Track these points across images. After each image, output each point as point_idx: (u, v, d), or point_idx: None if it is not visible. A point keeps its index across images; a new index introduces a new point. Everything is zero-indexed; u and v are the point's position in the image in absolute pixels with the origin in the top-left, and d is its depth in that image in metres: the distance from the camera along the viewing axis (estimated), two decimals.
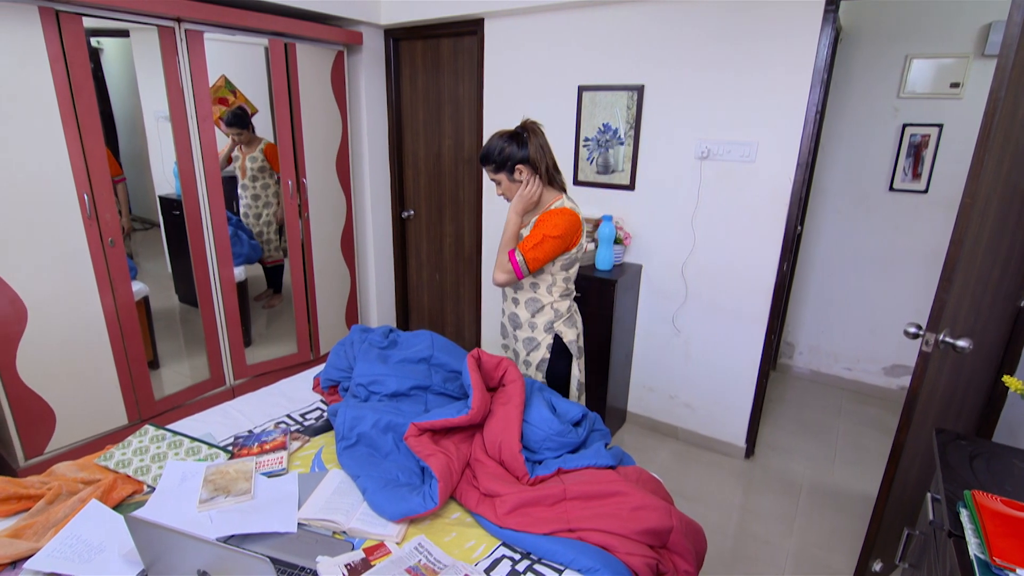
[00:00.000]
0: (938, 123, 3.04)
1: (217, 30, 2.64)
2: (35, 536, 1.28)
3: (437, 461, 1.46)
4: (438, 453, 1.50)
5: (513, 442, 1.54)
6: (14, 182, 2.10)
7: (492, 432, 1.59)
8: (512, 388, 1.69)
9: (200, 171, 2.69)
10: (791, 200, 2.42)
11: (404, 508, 1.37)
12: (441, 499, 1.40)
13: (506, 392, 1.69)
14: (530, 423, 1.61)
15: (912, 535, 1.54)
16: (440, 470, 1.44)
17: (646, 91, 2.66)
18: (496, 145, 1.85)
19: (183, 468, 1.54)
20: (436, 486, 1.41)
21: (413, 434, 1.56)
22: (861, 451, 2.94)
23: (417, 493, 1.42)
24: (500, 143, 1.85)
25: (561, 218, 1.82)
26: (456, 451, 1.56)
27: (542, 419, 1.61)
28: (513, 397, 1.65)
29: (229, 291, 2.92)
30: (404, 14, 3.23)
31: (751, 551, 2.22)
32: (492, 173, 1.89)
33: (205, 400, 2.90)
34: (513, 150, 1.84)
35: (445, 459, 1.48)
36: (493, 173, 1.89)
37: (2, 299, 2.13)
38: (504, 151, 1.84)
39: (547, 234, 1.80)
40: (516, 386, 1.69)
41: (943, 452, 1.39)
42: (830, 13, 2.19)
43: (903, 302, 3.33)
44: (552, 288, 1.93)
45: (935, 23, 2.95)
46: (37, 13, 2.06)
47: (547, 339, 1.98)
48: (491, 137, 1.89)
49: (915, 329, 1.60)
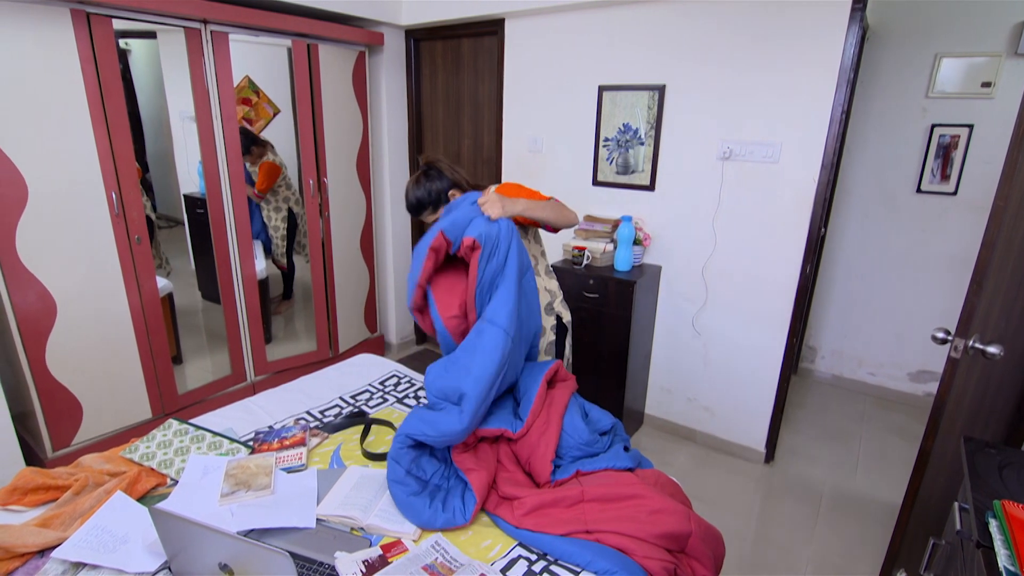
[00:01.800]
0: (968, 123, 2.97)
1: (242, 31, 2.69)
2: (62, 526, 1.31)
3: (478, 478, 1.44)
4: (479, 469, 1.47)
5: (549, 452, 1.52)
6: (45, 180, 2.15)
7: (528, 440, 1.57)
8: (560, 392, 1.65)
9: (224, 170, 2.73)
10: (815, 201, 2.38)
11: (437, 521, 1.36)
12: (472, 517, 1.39)
13: (552, 395, 1.65)
14: (564, 430, 1.59)
15: (938, 545, 1.50)
16: (480, 488, 1.42)
17: (667, 91, 2.64)
18: (422, 191, 1.83)
19: (205, 462, 1.57)
20: (472, 504, 1.40)
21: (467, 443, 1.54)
22: (884, 458, 2.88)
23: (445, 507, 1.40)
24: (425, 187, 1.83)
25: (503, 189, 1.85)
26: (488, 461, 1.55)
27: (575, 428, 1.59)
28: (557, 402, 1.61)
29: (251, 289, 2.96)
30: (425, 14, 3.24)
31: (770, 557, 2.19)
32: (431, 216, 1.88)
33: (226, 396, 2.95)
34: (438, 185, 1.84)
35: (487, 475, 1.46)
36: (432, 215, 1.87)
37: (32, 295, 2.19)
38: (432, 190, 1.83)
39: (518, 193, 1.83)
40: (565, 389, 1.66)
41: (971, 461, 1.35)
42: (857, 12, 2.15)
43: (930, 306, 3.26)
44: (538, 267, 1.96)
45: (966, 21, 2.88)
46: (69, 15, 2.11)
47: (550, 321, 2.00)
48: (408, 191, 1.86)
49: (943, 334, 1.56)
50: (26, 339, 2.20)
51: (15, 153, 2.06)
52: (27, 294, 2.17)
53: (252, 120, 3.05)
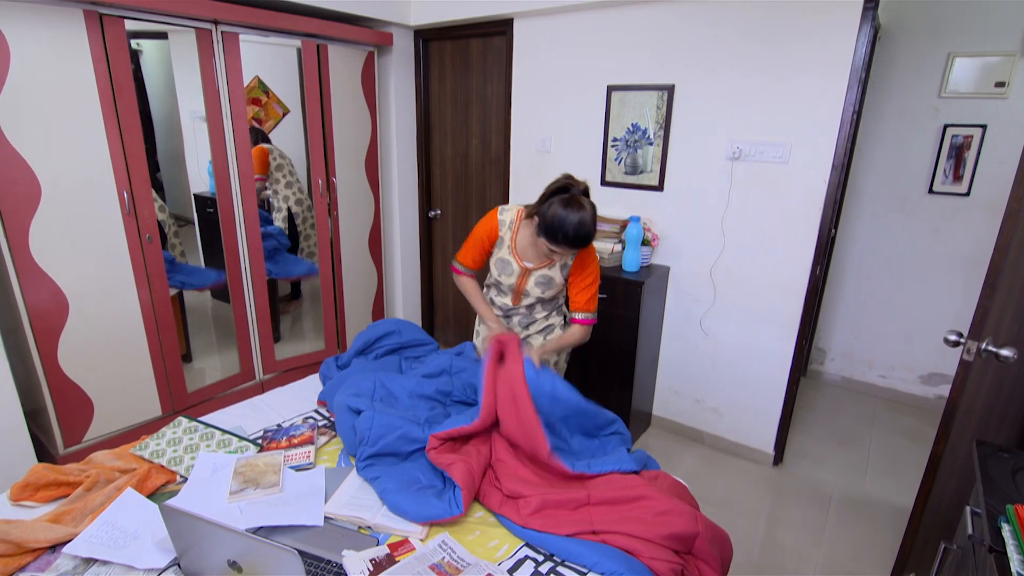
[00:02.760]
0: (982, 123, 2.94)
1: (252, 32, 2.70)
2: (74, 522, 1.32)
3: (458, 470, 1.45)
4: (458, 461, 1.48)
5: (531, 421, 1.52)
6: (58, 179, 2.17)
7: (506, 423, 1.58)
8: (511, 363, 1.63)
9: (234, 169, 2.75)
10: (825, 202, 2.37)
11: (429, 513, 1.37)
12: (465, 505, 1.40)
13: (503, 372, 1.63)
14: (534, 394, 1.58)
15: (949, 549, 1.49)
16: (462, 478, 1.43)
17: (676, 91, 2.63)
18: (594, 219, 1.72)
19: (214, 460, 1.58)
20: (460, 494, 1.41)
21: (432, 446, 1.55)
22: (895, 461, 2.85)
23: (440, 498, 1.41)
24: (593, 215, 1.71)
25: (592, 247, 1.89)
26: (477, 453, 1.55)
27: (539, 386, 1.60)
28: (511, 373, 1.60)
29: (260, 288, 2.98)
30: (434, 15, 3.25)
31: (778, 560, 2.18)
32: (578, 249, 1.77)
33: (235, 394, 2.97)
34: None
35: (466, 466, 1.47)
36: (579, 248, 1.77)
37: (45, 292, 2.21)
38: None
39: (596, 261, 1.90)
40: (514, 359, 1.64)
41: (984, 465, 1.34)
42: (869, 11, 2.13)
43: (942, 308, 3.23)
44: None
45: (980, 20, 2.85)
46: (82, 16, 2.13)
47: (559, 320, 2.03)
48: (586, 222, 1.68)
49: (956, 337, 1.55)
50: (38, 336, 2.22)
51: (29, 152, 2.08)
52: (40, 292, 2.20)
53: (262, 120, 3.07)
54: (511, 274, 1.93)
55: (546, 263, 1.90)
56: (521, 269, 1.91)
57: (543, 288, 1.93)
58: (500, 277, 1.97)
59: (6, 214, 2.07)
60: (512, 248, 1.92)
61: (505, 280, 1.96)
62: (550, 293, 1.95)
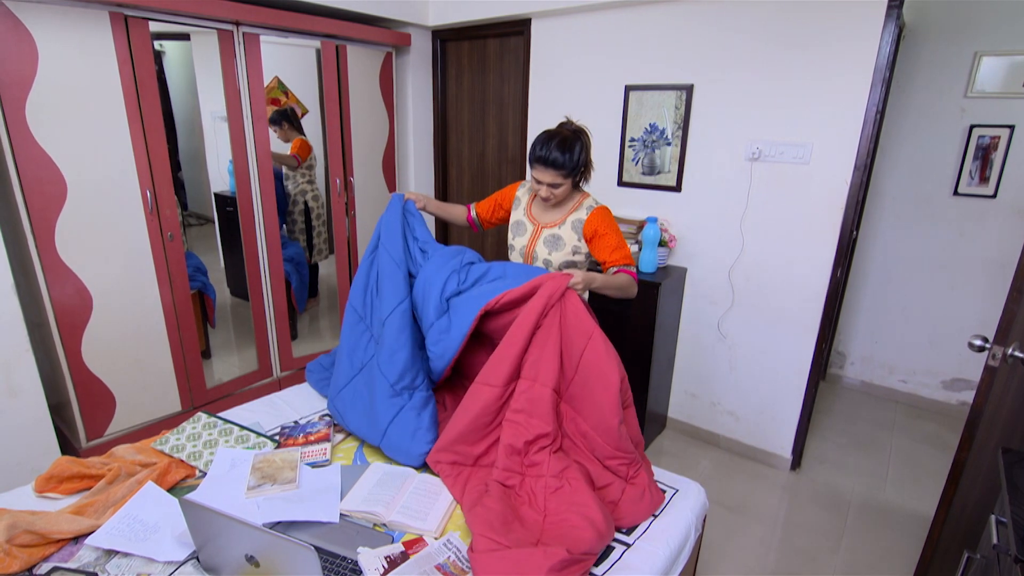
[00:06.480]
0: (1009, 124, 2.87)
1: (273, 33, 2.73)
2: (96, 514, 1.34)
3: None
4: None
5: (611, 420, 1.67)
6: (83, 178, 2.22)
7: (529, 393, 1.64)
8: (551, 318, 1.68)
9: (254, 169, 2.78)
10: (847, 204, 2.33)
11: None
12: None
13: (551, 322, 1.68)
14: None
15: (972, 559, 1.46)
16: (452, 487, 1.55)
17: (695, 91, 2.61)
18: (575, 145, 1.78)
19: (232, 455, 1.60)
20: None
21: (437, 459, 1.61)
22: (916, 468, 2.80)
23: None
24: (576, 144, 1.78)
25: (608, 215, 1.91)
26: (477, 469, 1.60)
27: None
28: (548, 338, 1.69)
29: (278, 286, 3.01)
30: (452, 15, 3.26)
31: (795, 566, 2.15)
32: (562, 178, 1.80)
33: (253, 390, 3.00)
34: (585, 155, 1.83)
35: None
36: (563, 178, 1.80)
37: (70, 289, 2.26)
38: (581, 155, 1.81)
39: (615, 230, 1.90)
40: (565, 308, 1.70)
41: (1010, 473, 1.31)
42: (894, 9, 2.09)
43: (966, 313, 3.16)
44: None
45: (1007, 19, 2.78)
46: (108, 18, 2.17)
47: None
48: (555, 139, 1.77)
49: (981, 342, 1.51)
50: (63, 332, 2.27)
51: (55, 152, 2.13)
52: (65, 288, 2.24)
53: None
54: (524, 234, 2.00)
55: (555, 222, 1.93)
56: (534, 227, 1.98)
57: (550, 248, 1.93)
58: (514, 241, 2.05)
59: (33, 212, 2.11)
60: (527, 210, 2.02)
61: (518, 243, 2.03)
62: (558, 257, 1.92)
